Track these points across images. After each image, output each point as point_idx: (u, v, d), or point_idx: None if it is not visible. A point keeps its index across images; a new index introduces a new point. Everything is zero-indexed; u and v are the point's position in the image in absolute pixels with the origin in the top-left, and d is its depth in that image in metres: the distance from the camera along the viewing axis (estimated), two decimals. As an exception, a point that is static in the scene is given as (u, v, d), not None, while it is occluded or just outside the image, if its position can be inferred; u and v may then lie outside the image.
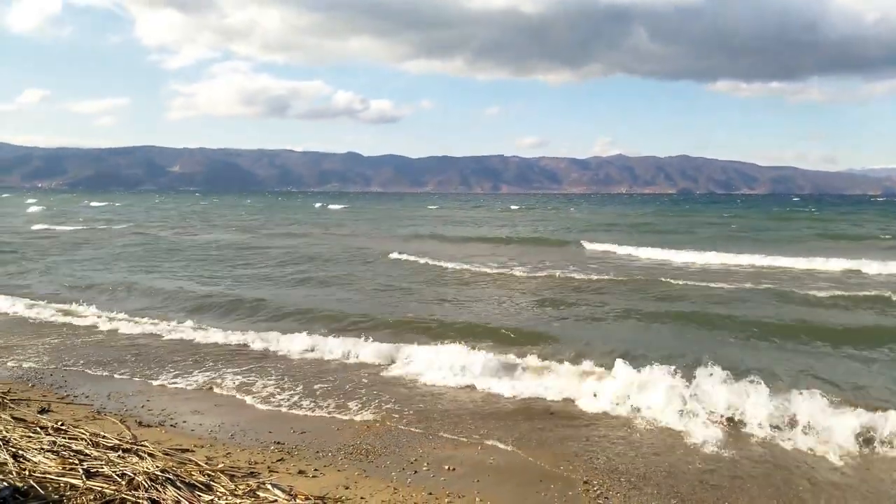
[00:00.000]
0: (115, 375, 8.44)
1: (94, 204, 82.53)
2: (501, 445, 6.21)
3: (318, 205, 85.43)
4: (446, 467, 5.68)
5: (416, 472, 5.61)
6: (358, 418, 6.95)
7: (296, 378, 8.37)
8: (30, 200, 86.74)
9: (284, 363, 9.11)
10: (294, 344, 9.76)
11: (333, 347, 9.52)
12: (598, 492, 5.23)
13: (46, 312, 12.20)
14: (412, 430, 6.64)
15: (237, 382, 8.17)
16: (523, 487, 5.34)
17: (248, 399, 7.61)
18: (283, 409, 7.24)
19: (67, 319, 11.79)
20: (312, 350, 9.59)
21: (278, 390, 7.87)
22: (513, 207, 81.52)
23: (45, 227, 38.12)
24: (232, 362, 9.05)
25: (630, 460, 5.86)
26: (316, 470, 5.55)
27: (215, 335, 10.41)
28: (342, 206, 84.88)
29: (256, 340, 10.05)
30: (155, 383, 8.16)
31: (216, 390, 7.91)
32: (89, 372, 8.56)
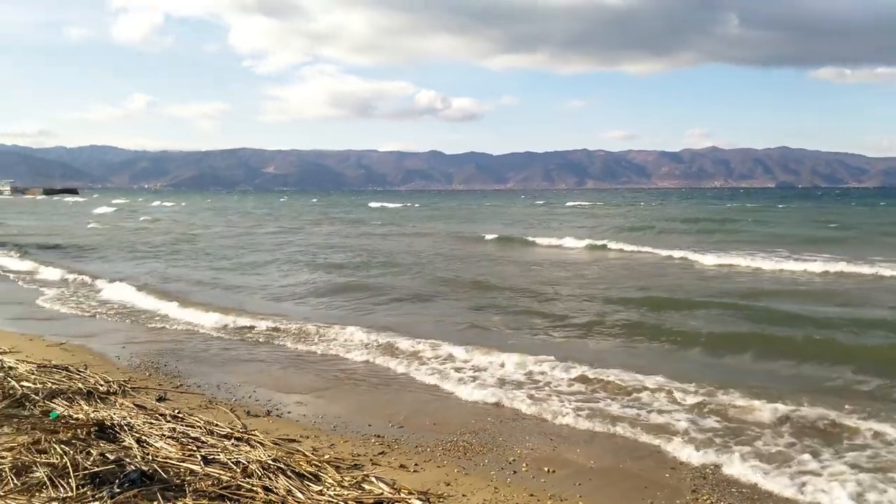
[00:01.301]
0: (224, 366, 8.87)
1: (166, 204, 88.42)
2: (605, 451, 6.09)
3: (374, 204, 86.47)
4: (546, 469, 5.62)
5: (515, 471, 5.58)
6: (455, 415, 6.99)
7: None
8: (116, 200, 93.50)
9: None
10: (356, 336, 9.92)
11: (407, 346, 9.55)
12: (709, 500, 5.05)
13: (150, 303, 12.97)
14: (510, 429, 6.62)
15: (337, 374, 8.42)
16: (628, 493, 5.21)
17: (347, 391, 7.82)
18: (381, 406, 7.38)
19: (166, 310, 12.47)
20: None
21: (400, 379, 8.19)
22: (584, 204, 78.77)
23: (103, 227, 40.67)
24: (329, 356, 9.30)
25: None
26: (416, 465, 5.62)
27: (309, 327, 10.79)
28: (399, 204, 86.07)
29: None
30: (260, 374, 8.53)
31: (319, 382, 8.18)
32: (200, 362, 9.04)
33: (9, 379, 6.67)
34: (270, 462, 4.94)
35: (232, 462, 4.91)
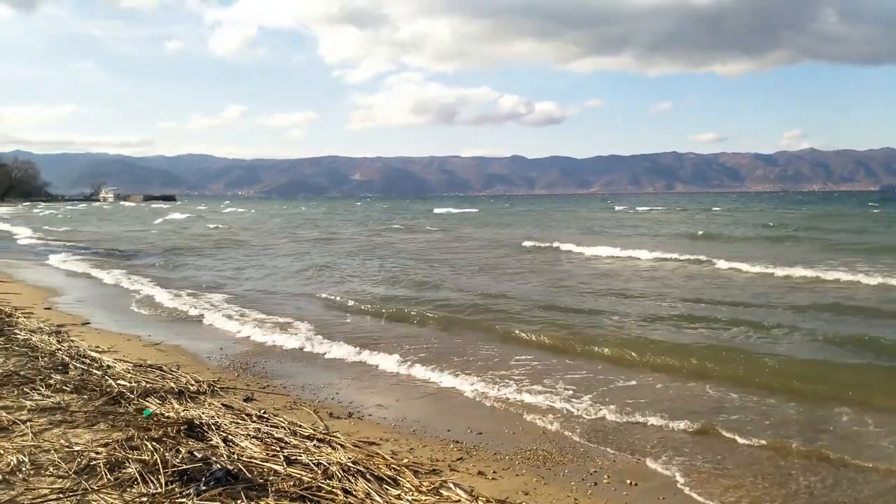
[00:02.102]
0: (309, 368, 9.07)
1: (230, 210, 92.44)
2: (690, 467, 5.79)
3: (440, 210, 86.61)
4: (628, 482, 5.40)
5: (595, 483, 5.39)
6: (537, 423, 6.84)
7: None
8: (199, 207, 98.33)
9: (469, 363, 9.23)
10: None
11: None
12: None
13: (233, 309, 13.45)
14: (590, 440, 6.41)
15: (420, 379, 8.44)
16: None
17: (427, 396, 7.82)
18: (458, 409, 7.33)
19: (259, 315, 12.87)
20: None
21: (480, 384, 8.05)
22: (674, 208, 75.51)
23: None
24: (418, 359, 9.33)
25: None
26: (495, 472, 5.51)
27: (398, 328, 10.88)
28: (474, 209, 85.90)
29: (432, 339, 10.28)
30: (343, 376, 8.66)
31: (400, 386, 8.21)
32: (287, 363, 9.27)
33: (106, 377, 7.03)
34: (350, 464, 4.96)
35: (313, 463, 4.96)
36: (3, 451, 4.66)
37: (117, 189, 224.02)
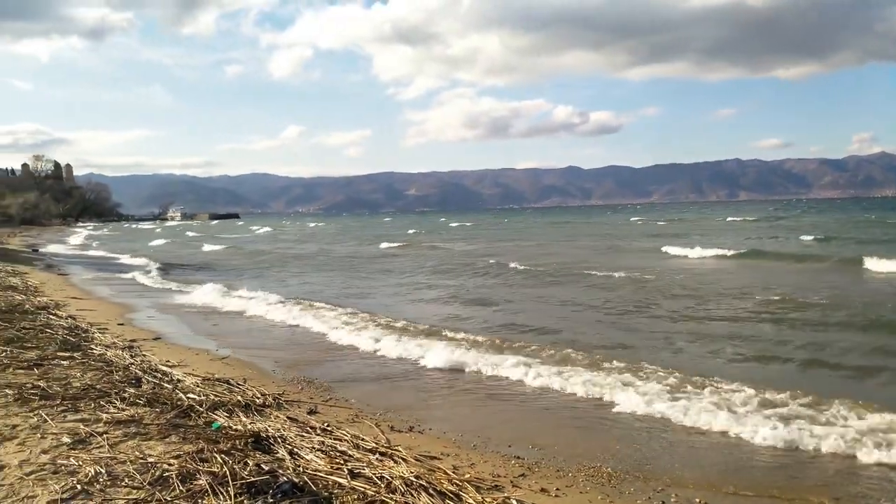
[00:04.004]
0: (373, 380, 9.15)
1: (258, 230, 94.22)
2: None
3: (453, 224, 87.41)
4: (697, 500, 5.23)
5: (663, 501, 5.24)
6: (596, 440, 6.71)
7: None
8: (254, 227, 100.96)
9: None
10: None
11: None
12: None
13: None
14: (657, 455, 6.24)
15: (481, 394, 8.40)
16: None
17: (487, 409, 7.77)
18: (519, 425, 7.25)
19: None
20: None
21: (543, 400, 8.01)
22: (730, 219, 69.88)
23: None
24: (477, 375, 9.31)
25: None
26: (558, 489, 5.42)
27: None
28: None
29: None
30: (410, 388, 8.72)
31: (460, 401, 8.19)
32: (349, 376, 9.38)
33: (177, 391, 7.26)
34: (413, 479, 4.97)
35: (376, 477, 4.99)
36: (81, 463, 4.85)
37: (184, 208, 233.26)
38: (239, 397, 7.29)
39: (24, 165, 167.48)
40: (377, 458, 5.50)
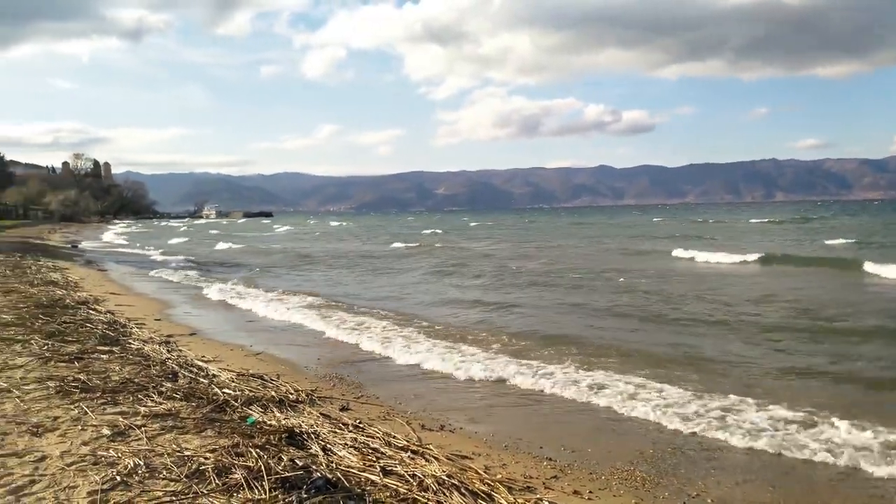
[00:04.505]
0: (402, 378, 9.18)
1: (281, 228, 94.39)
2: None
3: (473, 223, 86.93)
4: (732, 506, 5.14)
5: (697, 507, 5.16)
6: (629, 444, 6.62)
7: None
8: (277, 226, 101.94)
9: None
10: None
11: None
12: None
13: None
14: (691, 460, 6.13)
15: (512, 394, 8.37)
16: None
17: (519, 410, 7.74)
18: (551, 426, 7.21)
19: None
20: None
21: (576, 401, 7.92)
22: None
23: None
24: (508, 373, 9.27)
25: None
26: (591, 492, 5.36)
27: (488, 341, 10.81)
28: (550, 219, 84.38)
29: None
30: (441, 387, 8.72)
31: (494, 399, 8.17)
32: (380, 373, 9.43)
33: (212, 386, 7.38)
34: (445, 478, 4.96)
35: (408, 475, 4.99)
36: (120, 455, 4.95)
37: (219, 206, 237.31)
38: (273, 393, 7.38)
39: (65, 164, 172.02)
40: (409, 456, 5.51)
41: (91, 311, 12.82)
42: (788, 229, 51.85)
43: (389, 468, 5.12)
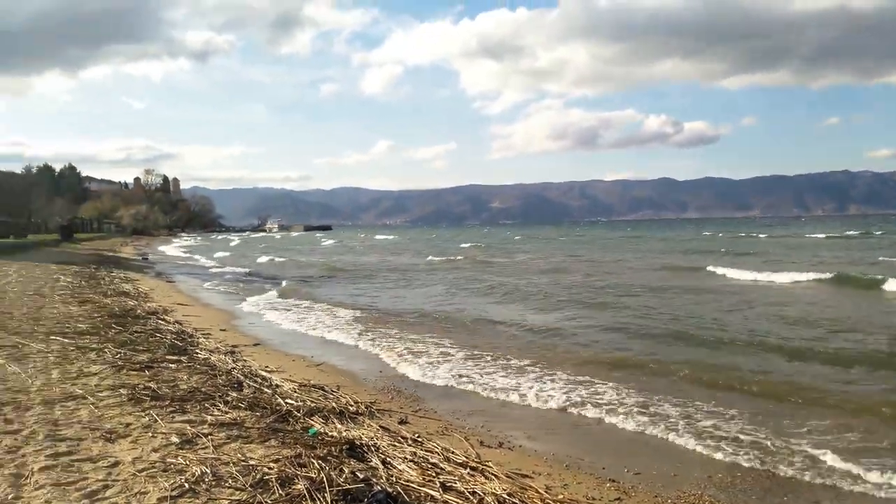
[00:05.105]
0: (461, 395, 9.13)
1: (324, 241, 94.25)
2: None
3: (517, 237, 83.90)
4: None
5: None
6: (699, 467, 6.39)
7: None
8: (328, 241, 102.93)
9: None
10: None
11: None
12: None
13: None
14: (762, 490, 5.87)
15: (573, 413, 8.22)
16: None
17: (581, 430, 7.59)
18: (613, 447, 7.03)
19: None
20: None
21: (637, 422, 7.70)
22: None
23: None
24: (568, 392, 9.13)
25: None
26: (657, 515, 5.21)
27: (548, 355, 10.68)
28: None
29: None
30: (499, 403, 8.64)
31: (552, 417, 8.04)
32: (440, 387, 9.43)
33: (276, 396, 7.51)
34: (505, 496, 4.89)
35: (468, 492, 4.94)
36: (188, 462, 5.08)
37: (281, 220, 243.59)
38: (333, 404, 7.46)
39: (137, 179, 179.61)
40: (468, 473, 5.45)
41: (160, 322, 13.29)
42: (847, 244, 48.87)
43: (449, 484, 5.08)
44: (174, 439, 5.69)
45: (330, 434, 6.10)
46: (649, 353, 11.35)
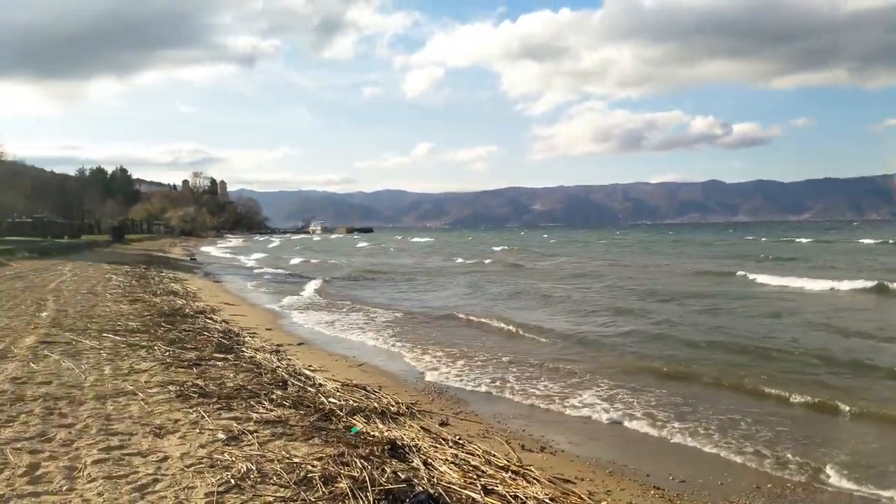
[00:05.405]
0: (501, 399, 9.09)
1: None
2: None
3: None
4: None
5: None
6: (751, 475, 6.23)
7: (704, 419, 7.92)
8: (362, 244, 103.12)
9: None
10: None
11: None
12: None
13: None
14: (813, 500, 5.68)
15: (612, 419, 8.11)
16: None
17: (622, 439, 7.47)
18: (655, 453, 6.90)
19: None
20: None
21: (680, 429, 7.54)
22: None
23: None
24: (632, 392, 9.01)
25: None
26: (703, 524, 5.09)
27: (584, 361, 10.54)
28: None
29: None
30: (539, 408, 8.57)
31: (592, 424, 7.94)
32: (479, 391, 9.40)
33: (319, 395, 7.60)
34: (548, 501, 4.85)
35: (510, 495, 4.91)
36: (234, 459, 5.18)
37: (324, 222, 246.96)
38: (375, 404, 7.51)
39: (185, 182, 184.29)
40: (510, 476, 5.42)
41: (208, 321, 13.60)
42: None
43: (490, 487, 5.05)
44: (221, 436, 5.81)
45: (372, 433, 6.14)
46: (689, 360, 11.09)
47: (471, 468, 5.53)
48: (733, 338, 12.89)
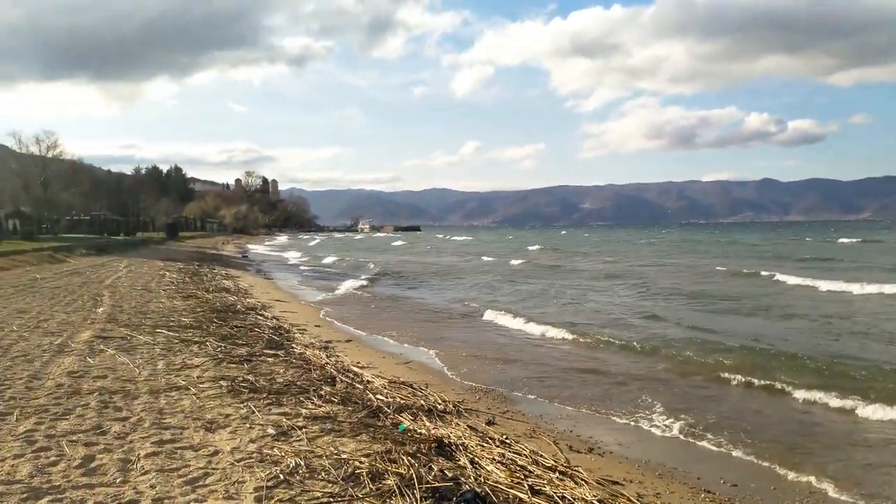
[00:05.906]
0: (549, 397, 9.00)
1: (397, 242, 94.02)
2: None
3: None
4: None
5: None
6: (804, 480, 6.01)
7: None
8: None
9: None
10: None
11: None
12: None
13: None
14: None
15: (659, 423, 7.93)
16: None
17: (671, 442, 7.30)
18: (705, 458, 6.72)
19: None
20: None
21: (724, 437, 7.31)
22: None
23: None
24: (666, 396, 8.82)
25: None
26: (757, 531, 4.93)
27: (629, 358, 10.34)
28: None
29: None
30: (585, 410, 8.44)
31: (639, 428, 7.79)
32: (526, 390, 9.32)
33: (367, 392, 7.66)
34: (596, 502, 4.77)
35: (557, 496, 4.85)
36: (283, 454, 5.25)
37: (372, 221, 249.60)
38: (422, 402, 7.53)
39: (238, 180, 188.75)
40: (557, 477, 5.35)
41: (259, 317, 13.87)
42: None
43: (538, 487, 5.00)
44: (270, 431, 5.91)
45: (419, 431, 6.15)
46: (736, 366, 10.75)
47: (518, 468, 5.49)
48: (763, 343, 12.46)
